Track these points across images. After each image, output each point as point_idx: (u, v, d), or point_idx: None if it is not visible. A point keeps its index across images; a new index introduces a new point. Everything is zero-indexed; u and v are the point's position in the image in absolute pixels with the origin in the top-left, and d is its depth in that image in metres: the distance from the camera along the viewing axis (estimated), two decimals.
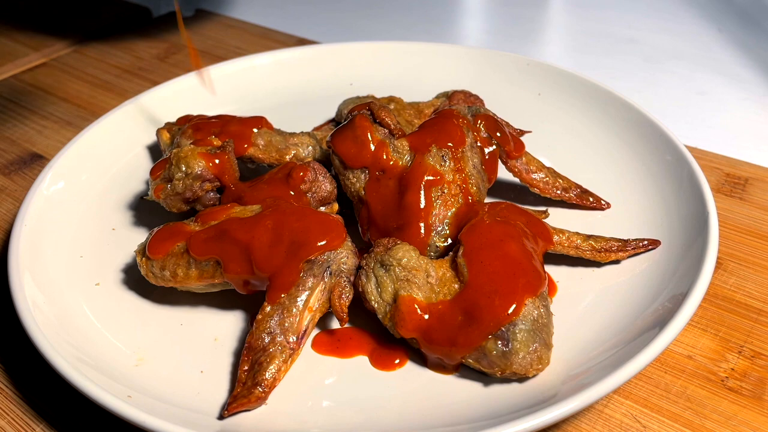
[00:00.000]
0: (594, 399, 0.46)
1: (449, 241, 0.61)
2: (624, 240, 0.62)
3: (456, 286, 0.55)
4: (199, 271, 0.57)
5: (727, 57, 1.09)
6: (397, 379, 0.55)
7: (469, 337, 0.51)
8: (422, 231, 0.60)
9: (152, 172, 0.66)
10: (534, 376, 0.52)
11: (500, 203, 0.62)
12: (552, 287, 0.61)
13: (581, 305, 0.59)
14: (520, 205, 0.63)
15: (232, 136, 0.70)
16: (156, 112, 0.84)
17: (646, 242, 0.62)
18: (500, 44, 1.19)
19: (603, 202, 0.69)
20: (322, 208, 0.64)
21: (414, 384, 0.54)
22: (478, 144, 0.66)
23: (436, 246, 0.61)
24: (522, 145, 0.68)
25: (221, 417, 0.51)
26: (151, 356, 0.57)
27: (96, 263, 0.66)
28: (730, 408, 0.53)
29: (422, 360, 0.55)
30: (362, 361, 0.56)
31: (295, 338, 0.54)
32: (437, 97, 0.80)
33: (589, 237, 0.62)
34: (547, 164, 0.71)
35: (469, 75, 0.90)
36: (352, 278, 0.57)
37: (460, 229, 0.60)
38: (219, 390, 0.54)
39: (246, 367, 0.53)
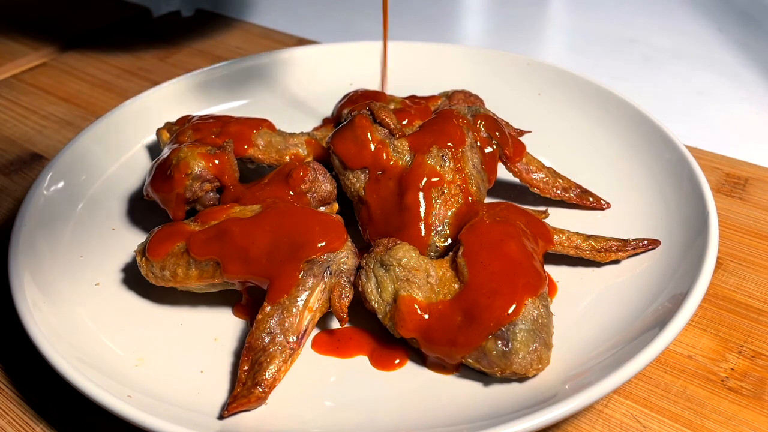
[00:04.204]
0: (594, 399, 0.46)
1: (449, 241, 0.61)
2: (624, 240, 0.62)
3: (456, 286, 0.55)
4: (199, 271, 0.57)
5: (727, 57, 1.09)
6: (397, 379, 0.55)
7: (469, 337, 0.51)
8: (422, 231, 0.60)
9: (154, 185, 0.66)
10: (534, 376, 0.52)
11: (500, 203, 0.62)
12: (552, 287, 0.61)
13: (581, 305, 0.59)
14: (520, 205, 0.63)
15: (232, 136, 0.69)
16: (156, 112, 0.84)
17: (646, 242, 0.62)
18: (500, 44, 1.19)
19: (603, 202, 0.69)
20: (322, 208, 0.64)
21: (414, 384, 0.54)
22: (478, 144, 0.66)
23: (436, 246, 0.61)
24: (522, 148, 0.68)
25: (221, 417, 0.51)
26: (151, 356, 0.57)
27: (96, 263, 0.66)
28: (730, 408, 0.53)
29: (422, 360, 0.55)
30: (362, 361, 0.56)
31: (295, 338, 0.54)
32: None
33: (589, 237, 0.62)
34: (547, 164, 0.71)
35: (469, 75, 0.90)
36: (352, 278, 0.57)
37: (460, 229, 0.60)
38: (219, 390, 0.54)
39: (246, 367, 0.53)
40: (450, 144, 0.63)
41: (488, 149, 0.66)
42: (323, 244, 0.56)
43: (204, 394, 0.54)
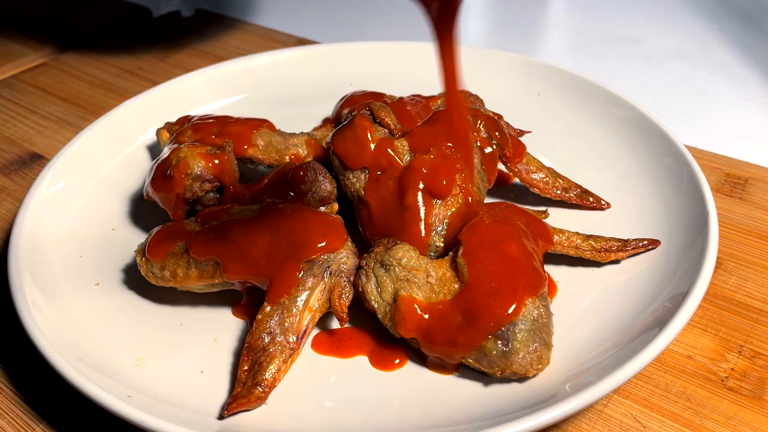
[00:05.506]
0: (594, 399, 0.46)
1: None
2: (624, 240, 0.62)
3: (456, 286, 0.55)
4: (199, 271, 0.57)
5: (727, 57, 1.09)
6: (397, 379, 0.55)
7: (469, 337, 0.51)
8: (422, 231, 0.60)
9: (155, 185, 0.66)
10: (534, 376, 0.52)
11: (500, 203, 0.62)
12: (552, 287, 0.61)
13: (581, 305, 0.59)
14: (520, 205, 0.63)
15: (232, 136, 0.69)
16: (156, 112, 0.84)
17: (646, 242, 0.62)
18: (500, 44, 1.18)
19: (603, 202, 0.69)
20: (322, 208, 0.64)
21: (414, 384, 0.54)
22: (478, 144, 0.66)
23: (436, 246, 0.61)
24: (522, 148, 0.68)
25: (221, 417, 0.51)
26: (151, 356, 0.57)
27: (96, 263, 0.66)
28: (730, 408, 0.53)
29: (422, 360, 0.55)
30: (362, 361, 0.56)
31: (295, 338, 0.54)
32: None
33: (589, 237, 0.62)
34: (547, 164, 0.71)
35: (469, 75, 0.89)
36: (352, 278, 0.57)
37: (460, 229, 0.60)
38: (219, 390, 0.54)
39: (246, 367, 0.53)
40: (450, 144, 0.63)
41: (488, 149, 0.66)
42: (323, 244, 0.56)
43: (204, 394, 0.54)
